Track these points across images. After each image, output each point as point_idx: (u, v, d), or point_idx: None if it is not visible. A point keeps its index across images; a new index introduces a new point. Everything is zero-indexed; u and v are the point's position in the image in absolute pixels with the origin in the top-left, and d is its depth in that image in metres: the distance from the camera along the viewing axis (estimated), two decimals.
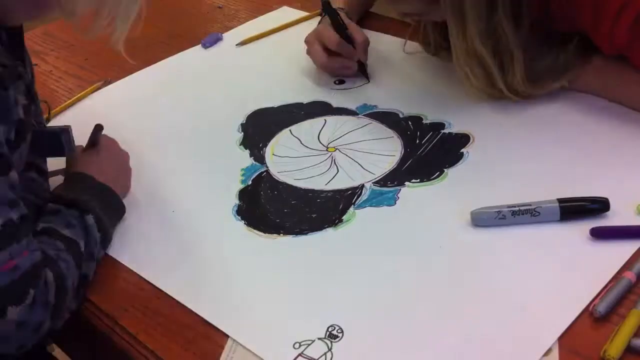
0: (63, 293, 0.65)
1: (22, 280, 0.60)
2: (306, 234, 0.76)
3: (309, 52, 1.05)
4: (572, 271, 0.67)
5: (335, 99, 1.00)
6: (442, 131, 0.90)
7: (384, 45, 1.12)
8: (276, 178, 0.85)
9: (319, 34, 1.03)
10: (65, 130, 0.79)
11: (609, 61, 0.88)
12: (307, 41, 1.05)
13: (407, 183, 0.82)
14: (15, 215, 0.62)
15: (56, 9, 0.69)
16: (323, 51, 1.02)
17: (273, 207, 0.81)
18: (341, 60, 1.02)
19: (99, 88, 1.10)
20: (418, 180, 0.82)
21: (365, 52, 1.03)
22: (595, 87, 0.91)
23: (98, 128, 0.86)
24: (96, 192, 0.77)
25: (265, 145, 0.92)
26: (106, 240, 0.75)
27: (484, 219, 0.73)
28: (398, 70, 1.05)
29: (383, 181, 0.82)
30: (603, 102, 0.90)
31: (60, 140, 0.78)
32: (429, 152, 0.86)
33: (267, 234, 0.77)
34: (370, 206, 0.79)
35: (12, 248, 0.60)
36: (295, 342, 0.63)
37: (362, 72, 1.04)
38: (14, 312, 0.59)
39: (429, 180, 0.82)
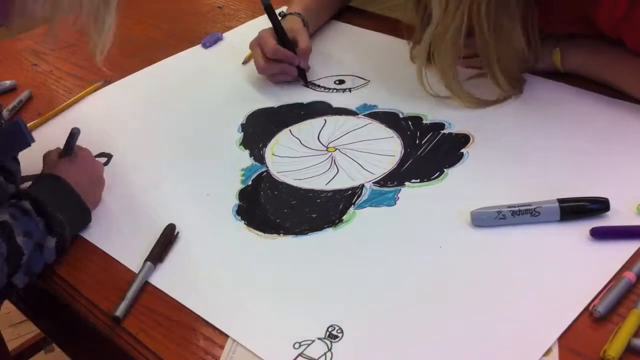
0: None
1: None
2: (306, 234, 0.76)
3: (253, 58, 1.04)
4: (572, 271, 0.67)
5: (335, 99, 1.00)
6: (442, 131, 0.90)
7: (383, 45, 1.12)
8: (276, 178, 0.85)
9: (259, 40, 1.02)
10: (19, 120, 0.76)
11: (599, 41, 0.90)
12: (250, 46, 1.04)
13: (407, 183, 0.82)
14: None
15: (14, 18, 0.67)
16: (262, 57, 1.01)
17: (273, 207, 0.81)
18: (280, 66, 1.02)
19: (99, 88, 1.10)
20: (418, 180, 0.82)
21: (305, 59, 1.03)
22: (585, 66, 0.92)
23: (75, 132, 0.83)
24: (74, 210, 0.77)
25: (265, 145, 0.92)
26: (60, 255, 0.75)
27: (484, 219, 0.73)
28: (398, 70, 1.05)
29: (383, 181, 0.83)
30: (604, 102, 0.90)
31: (20, 130, 0.75)
32: (429, 152, 0.86)
33: (267, 234, 0.77)
34: (370, 206, 0.79)
35: None
36: (295, 342, 0.63)
37: (302, 77, 1.04)
38: None
39: (429, 180, 0.82)
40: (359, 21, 1.19)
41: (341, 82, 1.04)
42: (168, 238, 0.76)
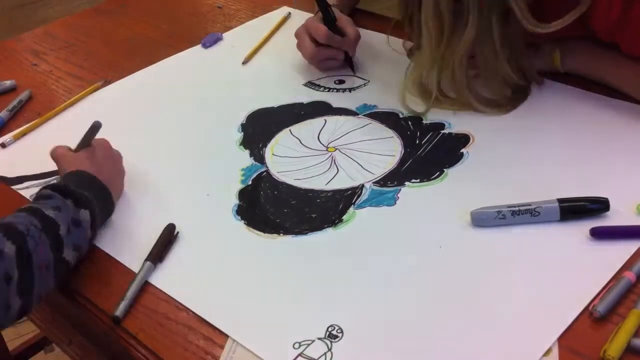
0: (28, 269, 0.64)
1: None
2: (306, 234, 0.76)
3: (298, 46, 1.06)
4: (572, 271, 0.67)
5: (335, 99, 1.00)
6: (442, 131, 0.90)
7: (383, 45, 1.12)
8: (276, 178, 0.85)
9: (308, 27, 1.04)
10: None
11: (598, 42, 0.90)
12: (297, 34, 1.06)
13: (407, 183, 0.82)
14: None
15: None
16: (311, 43, 1.03)
17: (273, 207, 0.81)
18: (329, 51, 1.03)
19: (99, 88, 1.10)
20: (418, 180, 0.82)
21: (354, 45, 1.04)
22: (585, 67, 0.93)
23: (96, 125, 0.83)
24: (97, 191, 0.77)
25: (265, 145, 0.92)
26: (93, 239, 0.76)
27: (484, 219, 0.73)
28: (398, 70, 1.05)
29: (383, 181, 0.83)
30: (604, 102, 0.90)
31: None
32: (429, 152, 0.86)
33: (267, 234, 0.77)
34: (370, 206, 0.79)
35: None
36: (295, 342, 0.63)
37: (349, 63, 1.05)
38: None
39: (429, 180, 0.82)
40: (359, 21, 1.19)
41: (341, 82, 1.04)
42: (168, 238, 0.76)
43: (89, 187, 0.76)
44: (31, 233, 0.66)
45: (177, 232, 0.77)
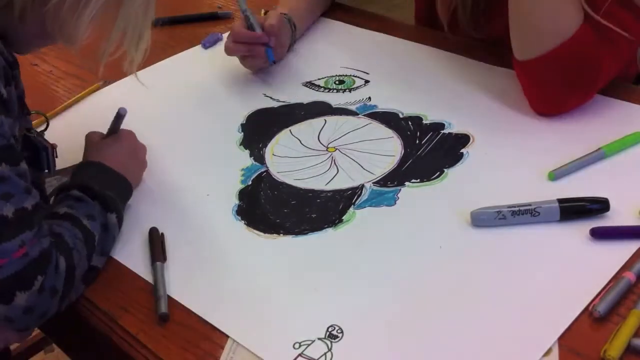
0: (70, 283, 0.66)
1: (31, 266, 0.62)
2: (306, 234, 0.76)
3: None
4: (572, 271, 0.67)
5: (335, 99, 1.00)
6: (442, 131, 0.90)
7: (383, 45, 1.12)
8: (276, 178, 0.85)
9: (231, 30, 1.05)
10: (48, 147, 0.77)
11: None
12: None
13: (407, 183, 0.82)
14: (29, 204, 0.63)
15: (58, 38, 0.71)
16: (231, 41, 1.04)
17: (273, 207, 0.81)
18: (243, 47, 1.04)
19: (99, 88, 1.10)
20: (418, 181, 0.82)
21: (272, 35, 1.03)
22: None
23: (122, 113, 0.85)
24: (118, 187, 0.78)
25: (265, 145, 0.92)
26: (121, 219, 0.77)
27: (484, 219, 0.73)
28: (398, 70, 1.05)
29: (383, 181, 0.83)
30: (604, 103, 0.90)
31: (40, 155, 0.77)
32: (429, 152, 0.86)
33: (267, 234, 0.77)
34: (370, 206, 0.79)
35: (24, 235, 0.62)
36: (295, 342, 0.63)
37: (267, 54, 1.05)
38: (22, 298, 0.61)
39: (429, 180, 0.82)
40: (359, 21, 1.19)
41: (341, 82, 1.04)
42: (159, 240, 0.76)
43: (114, 185, 0.77)
44: (77, 247, 0.68)
45: (162, 234, 0.77)
